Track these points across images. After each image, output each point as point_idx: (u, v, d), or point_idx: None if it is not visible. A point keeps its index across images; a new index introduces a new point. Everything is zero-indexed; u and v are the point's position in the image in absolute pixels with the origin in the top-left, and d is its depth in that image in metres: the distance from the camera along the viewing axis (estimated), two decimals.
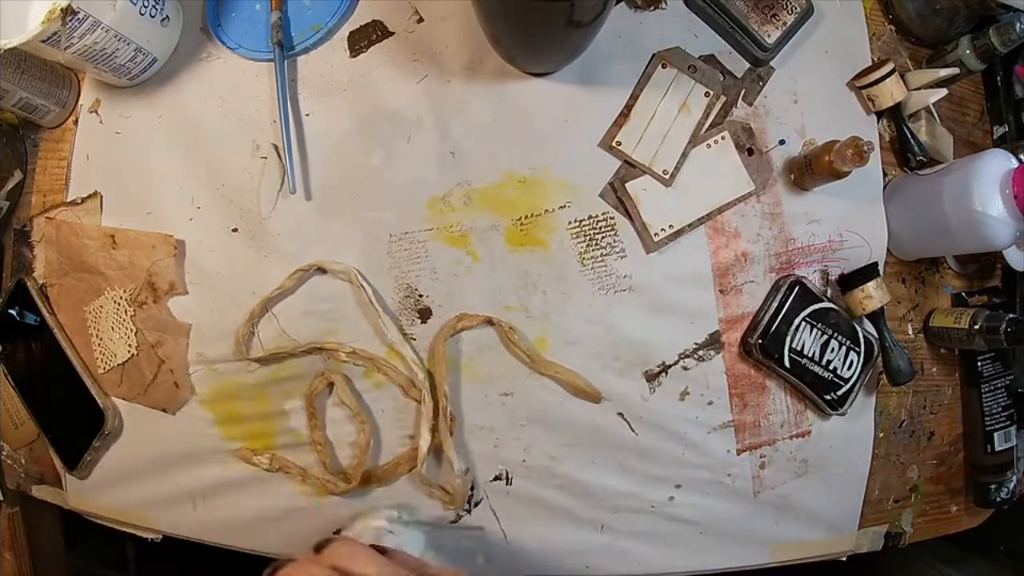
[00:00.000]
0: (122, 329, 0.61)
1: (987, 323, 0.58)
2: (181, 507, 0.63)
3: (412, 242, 0.58)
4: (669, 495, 0.60)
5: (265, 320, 0.59)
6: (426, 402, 0.56)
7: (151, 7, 0.57)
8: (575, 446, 0.59)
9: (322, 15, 0.60)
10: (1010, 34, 0.58)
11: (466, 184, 0.58)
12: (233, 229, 0.60)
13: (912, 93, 0.60)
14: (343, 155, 0.59)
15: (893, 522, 0.65)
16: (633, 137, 0.58)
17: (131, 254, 0.60)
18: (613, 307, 0.58)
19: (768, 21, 0.58)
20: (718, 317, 0.59)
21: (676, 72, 0.59)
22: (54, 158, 0.65)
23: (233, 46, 0.61)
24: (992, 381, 0.64)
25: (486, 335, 0.58)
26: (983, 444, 0.64)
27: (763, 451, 0.61)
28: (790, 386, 0.60)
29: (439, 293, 0.58)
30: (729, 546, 0.62)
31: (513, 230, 0.58)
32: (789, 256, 0.60)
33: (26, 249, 0.66)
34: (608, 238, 0.58)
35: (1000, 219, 0.52)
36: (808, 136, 0.61)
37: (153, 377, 0.61)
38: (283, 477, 0.60)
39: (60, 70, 0.63)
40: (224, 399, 0.60)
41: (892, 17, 0.64)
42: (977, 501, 0.67)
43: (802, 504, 0.62)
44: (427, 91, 0.59)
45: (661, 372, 0.59)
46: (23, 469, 0.69)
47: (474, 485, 0.59)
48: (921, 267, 0.64)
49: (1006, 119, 0.66)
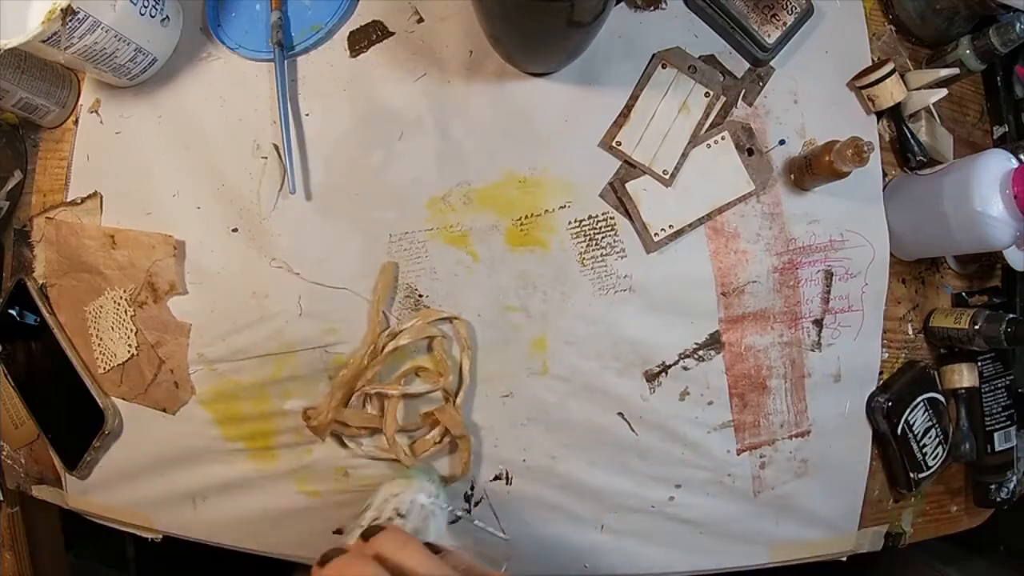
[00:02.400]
0: (122, 329, 0.61)
1: (987, 323, 0.58)
2: (181, 507, 0.63)
3: (412, 242, 0.58)
4: (669, 495, 0.60)
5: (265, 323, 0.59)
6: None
7: (151, 7, 0.57)
8: (575, 446, 0.59)
9: (322, 15, 0.60)
10: (1010, 34, 0.58)
11: (466, 184, 0.58)
12: (233, 229, 0.60)
13: (912, 93, 0.60)
14: (343, 155, 0.59)
15: (893, 522, 0.65)
16: (633, 137, 0.58)
17: (131, 254, 0.60)
18: (613, 307, 0.58)
19: (768, 21, 0.58)
20: (718, 317, 0.59)
21: (676, 72, 0.59)
22: (54, 158, 0.65)
23: (233, 46, 0.61)
24: (992, 381, 0.64)
25: (486, 335, 0.58)
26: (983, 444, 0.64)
27: (763, 451, 0.61)
28: (886, 453, 0.63)
29: (439, 293, 0.58)
30: (729, 546, 0.62)
31: (513, 230, 0.58)
32: (791, 256, 0.60)
33: (26, 249, 0.66)
34: (608, 238, 0.58)
35: (1000, 219, 0.52)
36: (808, 136, 0.61)
37: (153, 377, 0.61)
38: (283, 477, 0.60)
39: (60, 70, 0.63)
40: (224, 399, 0.60)
41: (892, 17, 0.64)
42: (977, 501, 0.67)
43: (802, 504, 0.62)
44: (427, 91, 0.59)
45: (661, 372, 0.59)
46: (23, 469, 0.69)
47: (474, 485, 0.60)
48: (921, 267, 0.64)
49: (1006, 119, 0.66)
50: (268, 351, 0.59)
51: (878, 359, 0.62)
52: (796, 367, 0.61)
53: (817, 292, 0.60)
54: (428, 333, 0.57)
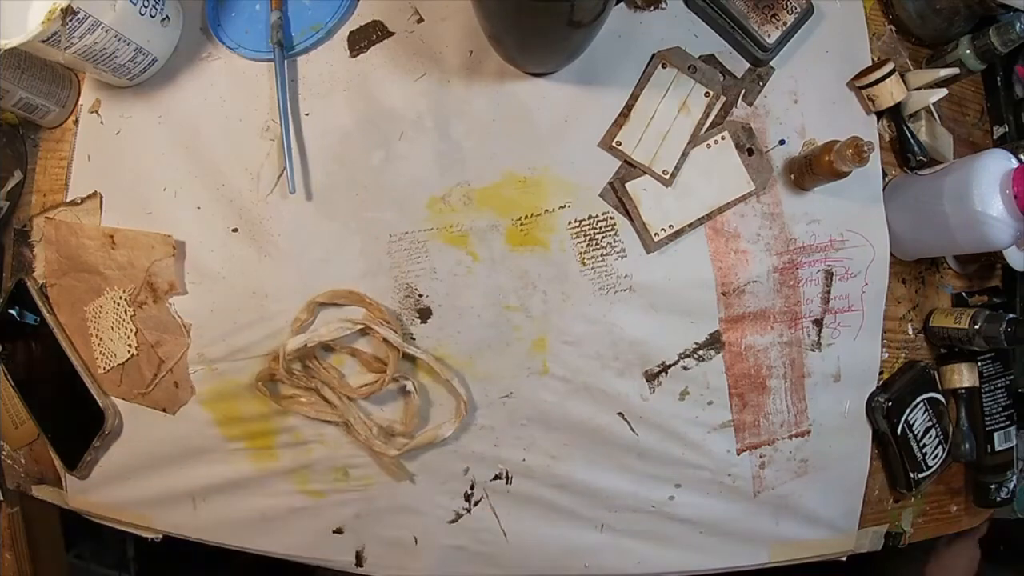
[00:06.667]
0: (122, 329, 0.61)
1: (987, 323, 0.58)
2: (181, 507, 0.63)
3: (412, 242, 0.58)
4: (669, 495, 0.60)
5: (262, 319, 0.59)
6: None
7: (151, 7, 0.57)
8: (575, 446, 0.59)
9: (322, 15, 0.60)
10: (1010, 34, 0.58)
11: (466, 184, 0.58)
12: (233, 229, 0.60)
13: (912, 93, 0.60)
14: (343, 155, 0.59)
15: (893, 522, 0.65)
16: (633, 137, 0.58)
17: (130, 254, 0.60)
18: (613, 307, 0.58)
19: (768, 21, 0.58)
20: (718, 317, 0.59)
21: (676, 72, 0.59)
22: (54, 158, 0.65)
23: (233, 46, 0.61)
24: (992, 381, 0.64)
25: (486, 335, 0.58)
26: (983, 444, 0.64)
27: (763, 451, 0.61)
28: (886, 452, 0.63)
29: (439, 293, 0.58)
30: (729, 546, 0.62)
31: (513, 230, 0.58)
32: (791, 256, 0.60)
33: (26, 249, 0.66)
34: (608, 238, 0.58)
35: (1000, 219, 0.51)
36: (808, 136, 0.61)
37: (153, 377, 0.61)
38: (283, 477, 0.60)
39: (60, 70, 0.63)
40: (224, 399, 0.60)
41: (892, 17, 0.64)
42: (977, 501, 0.67)
43: (802, 504, 0.62)
44: (427, 91, 0.59)
45: (661, 372, 0.59)
46: (23, 469, 0.69)
47: (474, 485, 0.60)
48: (921, 267, 0.64)
49: (1006, 119, 0.66)
50: (268, 351, 0.59)
51: (878, 359, 0.62)
52: (796, 367, 0.60)
53: (817, 292, 0.60)
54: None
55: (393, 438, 0.58)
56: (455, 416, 0.57)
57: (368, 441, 0.57)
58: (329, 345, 0.58)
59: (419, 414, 0.58)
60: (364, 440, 0.57)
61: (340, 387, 0.57)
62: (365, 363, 0.58)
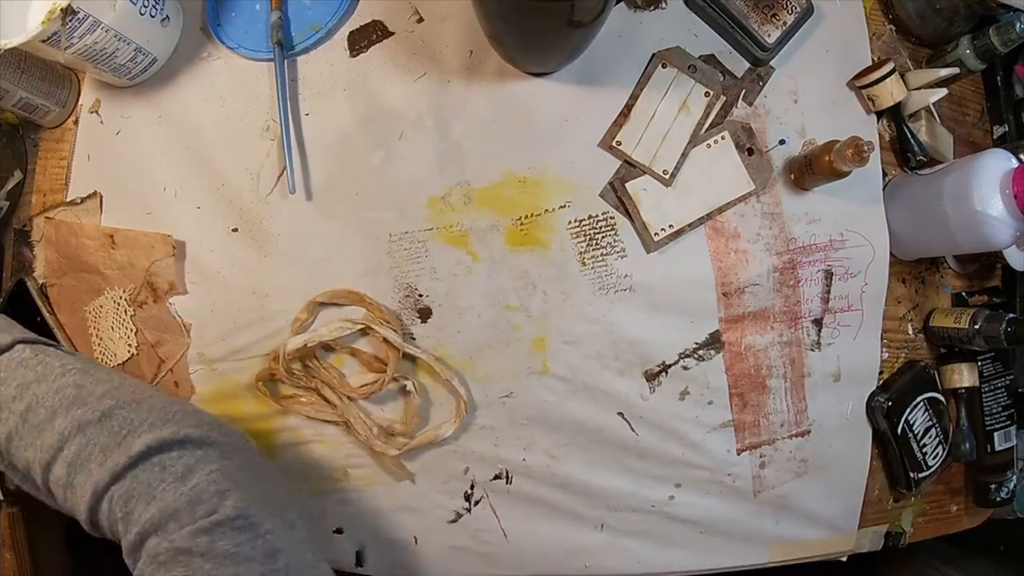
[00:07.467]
0: (122, 329, 0.61)
1: (987, 323, 0.58)
2: None
3: (412, 242, 0.58)
4: (669, 495, 0.60)
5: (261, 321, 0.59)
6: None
7: (151, 7, 0.57)
8: (575, 446, 0.59)
9: (322, 15, 0.60)
10: (1010, 34, 0.58)
11: (466, 184, 0.58)
12: (233, 229, 0.60)
13: (912, 93, 0.60)
14: (343, 155, 0.59)
15: (893, 522, 0.65)
16: (633, 137, 0.58)
17: (130, 254, 0.60)
18: (613, 307, 0.58)
19: (768, 21, 0.58)
20: (718, 317, 0.59)
21: (676, 72, 0.59)
22: (54, 158, 0.65)
23: (233, 46, 0.61)
24: (992, 381, 0.64)
25: (486, 335, 0.58)
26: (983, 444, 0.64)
27: (763, 451, 0.61)
28: (886, 452, 0.63)
29: (439, 293, 0.58)
30: (729, 546, 0.62)
31: (513, 230, 0.58)
32: (791, 256, 0.60)
33: (26, 249, 0.66)
34: (608, 238, 0.58)
35: (1000, 219, 0.52)
36: (808, 136, 0.61)
37: (153, 377, 0.61)
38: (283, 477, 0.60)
39: (60, 70, 0.63)
40: (224, 399, 0.60)
41: (892, 17, 0.64)
42: (977, 501, 0.67)
43: (802, 504, 0.62)
44: (427, 91, 0.59)
45: (661, 372, 0.59)
46: None
47: (474, 484, 0.60)
48: (921, 267, 0.64)
49: (1006, 119, 0.66)
50: (268, 351, 0.59)
51: (878, 359, 0.62)
52: (796, 367, 0.61)
53: (817, 292, 0.60)
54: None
55: (393, 438, 0.58)
56: (455, 416, 0.57)
57: (368, 441, 0.57)
58: (329, 345, 0.58)
59: (419, 414, 0.58)
60: (364, 440, 0.57)
61: (340, 387, 0.57)
62: (365, 363, 0.59)
